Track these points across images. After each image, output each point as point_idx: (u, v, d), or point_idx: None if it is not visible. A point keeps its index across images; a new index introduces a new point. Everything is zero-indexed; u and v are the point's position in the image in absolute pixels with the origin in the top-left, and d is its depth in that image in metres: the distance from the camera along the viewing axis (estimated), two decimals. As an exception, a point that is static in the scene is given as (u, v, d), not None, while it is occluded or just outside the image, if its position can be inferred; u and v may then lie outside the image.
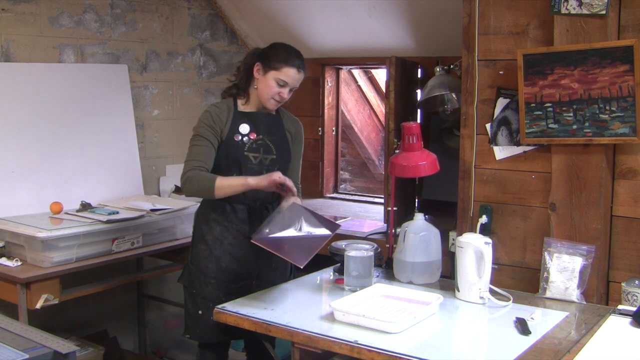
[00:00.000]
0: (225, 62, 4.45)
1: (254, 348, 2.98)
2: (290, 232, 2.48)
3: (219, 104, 2.79)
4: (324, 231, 2.52)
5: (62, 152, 3.50)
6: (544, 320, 2.25)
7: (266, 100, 2.73)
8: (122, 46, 3.86)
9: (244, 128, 2.72)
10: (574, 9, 2.49)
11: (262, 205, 2.77)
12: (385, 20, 3.78)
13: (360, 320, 2.15)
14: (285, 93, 2.71)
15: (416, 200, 3.76)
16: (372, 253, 2.54)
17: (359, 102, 4.97)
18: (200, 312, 2.74)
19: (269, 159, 2.74)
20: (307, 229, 2.52)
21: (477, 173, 2.83)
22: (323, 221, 2.59)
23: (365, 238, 3.24)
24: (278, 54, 2.71)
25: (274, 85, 2.69)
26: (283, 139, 2.82)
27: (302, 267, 2.41)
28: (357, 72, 4.81)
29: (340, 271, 2.65)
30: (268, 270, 2.78)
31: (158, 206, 3.44)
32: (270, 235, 2.47)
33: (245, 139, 2.71)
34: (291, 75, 2.69)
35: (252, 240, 2.44)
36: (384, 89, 4.30)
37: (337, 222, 2.96)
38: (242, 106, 2.79)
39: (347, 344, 2.04)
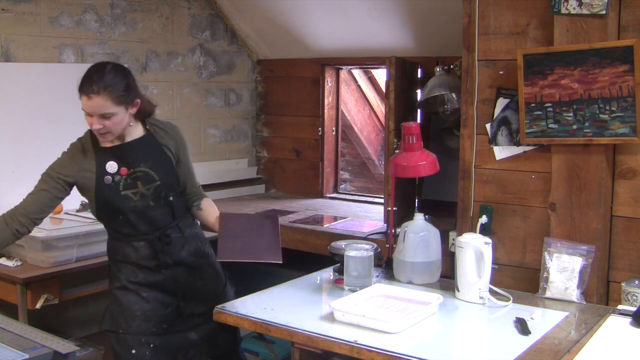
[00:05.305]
0: (225, 62, 4.45)
1: None
2: (244, 238, 2.49)
3: (73, 146, 2.51)
4: (270, 221, 2.58)
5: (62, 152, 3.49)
6: (544, 320, 2.24)
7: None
8: (122, 46, 3.86)
9: (112, 166, 2.43)
10: (574, 9, 2.49)
11: (162, 234, 2.52)
12: (385, 20, 3.78)
13: (360, 320, 2.15)
14: (96, 122, 2.34)
15: (416, 200, 3.76)
16: (372, 253, 2.54)
17: (359, 102, 4.97)
18: (133, 351, 2.47)
19: (152, 188, 2.47)
20: (255, 228, 2.55)
21: (477, 173, 2.83)
22: (261, 216, 2.63)
23: (365, 238, 3.23)
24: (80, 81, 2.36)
25: (86, 117, 2.36)
26: (162, 158, 2.51)
27: (281, 262, 2.44)
28: (357, 72, 4.80)
29: (340, 271, 2.65)
30: (191, 289, 2.59)
31: (158, 206, 3.43)
32: (231, 248, 2.45)
33: (117, 178, 2.43)
34: (86, 104, 2.34)
35: (218, 260, 2.45)
36: (384, 89, 4.30)
37: (336, 222, 2.96)
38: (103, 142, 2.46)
39: (346, 344, 2.04)
